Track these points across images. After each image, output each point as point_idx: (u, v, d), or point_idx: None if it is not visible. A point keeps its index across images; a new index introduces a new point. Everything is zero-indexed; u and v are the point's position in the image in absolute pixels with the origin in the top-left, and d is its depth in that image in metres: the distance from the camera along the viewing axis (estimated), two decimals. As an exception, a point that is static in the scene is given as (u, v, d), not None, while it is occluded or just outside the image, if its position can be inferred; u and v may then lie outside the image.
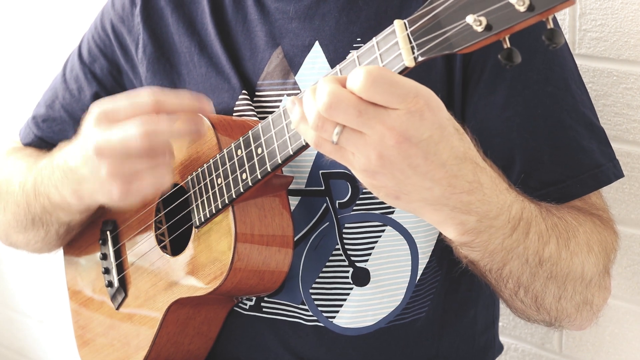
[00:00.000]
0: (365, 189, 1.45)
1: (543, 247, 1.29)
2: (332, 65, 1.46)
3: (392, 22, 1.11)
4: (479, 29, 1.02)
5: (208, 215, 1.43)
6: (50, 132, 1.76)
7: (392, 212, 1.47)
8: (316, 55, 1.48)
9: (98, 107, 1.35)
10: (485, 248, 1.25)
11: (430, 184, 1.12)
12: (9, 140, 1.85)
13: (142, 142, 1.30)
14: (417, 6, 1.43)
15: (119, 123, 1.32)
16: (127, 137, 1.30)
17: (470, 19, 1.02)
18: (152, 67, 1.62)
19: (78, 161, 1.41)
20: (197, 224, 1.46)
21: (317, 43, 1.48)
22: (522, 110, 1.41)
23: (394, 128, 1.07)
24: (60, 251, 1.77)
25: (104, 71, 1.69)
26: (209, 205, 1.42)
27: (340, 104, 1.07)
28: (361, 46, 1.15)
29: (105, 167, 1.33)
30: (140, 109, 1.33)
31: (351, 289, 1.50)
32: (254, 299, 1.54)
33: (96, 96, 1.70)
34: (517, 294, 1.35)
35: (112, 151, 1.32)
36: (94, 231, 1.68)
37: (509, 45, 1.02)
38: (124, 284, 1.62)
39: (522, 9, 0.98)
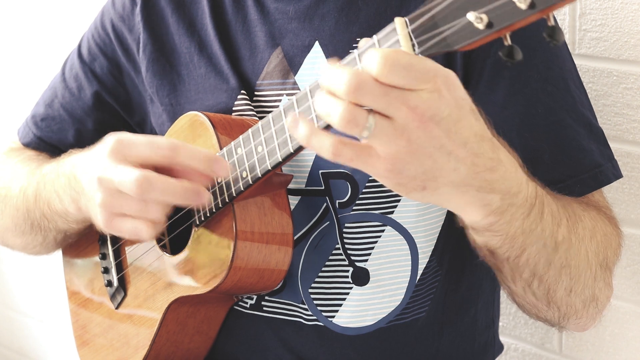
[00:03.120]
0: (364, 189, 1.45)
1: (557, 228, 1.29)
2: (333, 66, 1.46)
3: (391, 22, 1.11)
4: (480, 26, 1.02)
5: (208, 214, 1.43)
6: (49, 131, 1.76)
7: (391, 212, 1.47)
8: (316, 55, 1.48)
9: (116, 137, 1.36)
10: (506, 232, 1.24)
11: (456, 164, 1.11)
12: (7, 141, 1.84)
13: (134, 190, 1.31)
14: (417, 6, 1.42)
15: (128, 162, 1.34)
16: (124, 180, 1.32)
17: (471, 16, 1.01)
18: (152, 67, 1.62)
19: (84, 177, 1.42)
20: (197, 222, 1.45)
21: (317, 43, 1.49)
22: (522, 110, 1.41)
23: (417, 107, 1.06)
24: (60, 251, 1.77)
25: (104, 70, 1.69)
26: (209, 203, 1.42)
27: (366, 84, 1.05)
28: None
29: (100, 196, 1.36)
30: (155, 153, 1.33)
31: (351, 288, 1.50)
32: (255, 297, 1.54)
33: (96, 95, 1.70)
34: (531, 285, 1.35)
35: (109, 185, 1.34)
36: (93, 231, 1.67)
37: (509, 42, 1.02)
38: (123, 284, 1.62)
39: (523, 6, 0.98)
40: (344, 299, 1.51)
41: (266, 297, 1.54)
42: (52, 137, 1.76)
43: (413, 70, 1.05)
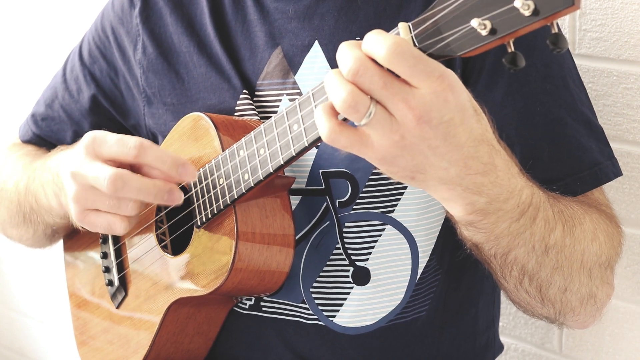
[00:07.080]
0: (365, 188, 1.45)
1: (549, 233, 1.29)
2: (332, 65, 1.47)
3: (391, 22, 1.12)
4: (484, 32, 1.02)
5: (209, 215, 1.43)
6: (49, 130, 1.78)
7: (392, 211, 1.47)
8: (316, 54, 1.48)
9: (91, 135, 1.40)
10: (491, 231, 1.25)
11: (447, 164, 1.12)
12: (9, 137, 1.86)
13: (108, 188, 1.35)
14: (416, 6, 1.43)
15: (100, 158, 1.38)
16: (98, 177, 1.36)
17: (475, 22, 1.01)
18: (152, 67, 1.62)
19: (64, 172, 1.46)
20: (199, 223, 1.46)
21: (316, 43, 1.49)
22: (521, 108, 1.41)
23: (416, 108, 1.06)
24: (61, 250, 1.78)
25: (103, 73, 1.70)
26: (211, 205, 1.42)
27: (367, 70, 1.06)
28: None
29: (73, 190, 1.41)
30: (123, 151, 1.37)
31: (351, 288, 1.50)
32: (254, 298, 1.55)
33: (94, 98, 1.71)
34: (522, 282, 1.35)
35: (82, 181, 1.39)
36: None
37: (513, 49, 1.02)
38: (124, 283, 1.62)
39: (527, 13, 0.98)
40: (344, 299, 1.51)
41: (264, 298, 1.54)
42: (51, 137, 1.78)
43: (421, 63, 1.05)
